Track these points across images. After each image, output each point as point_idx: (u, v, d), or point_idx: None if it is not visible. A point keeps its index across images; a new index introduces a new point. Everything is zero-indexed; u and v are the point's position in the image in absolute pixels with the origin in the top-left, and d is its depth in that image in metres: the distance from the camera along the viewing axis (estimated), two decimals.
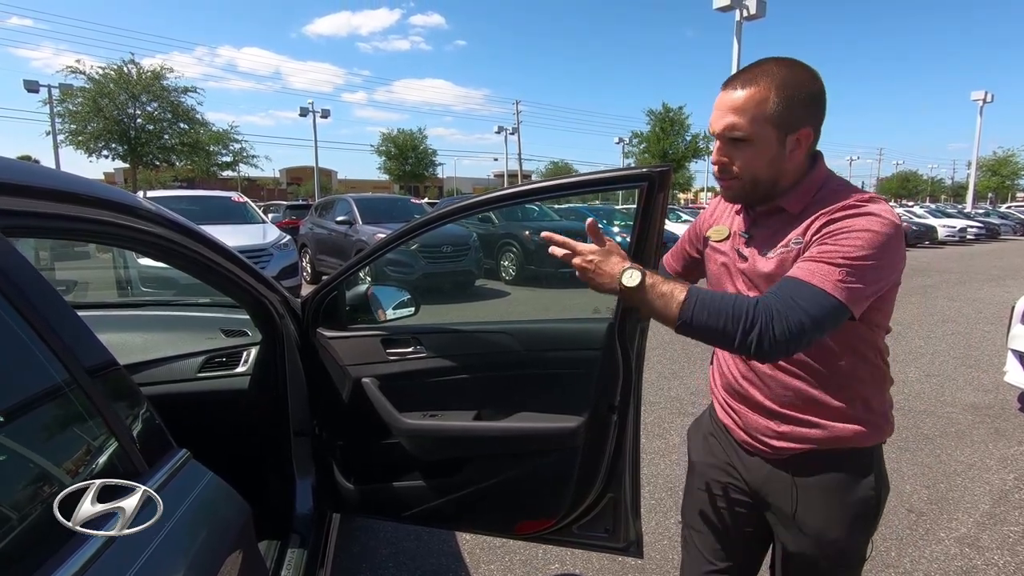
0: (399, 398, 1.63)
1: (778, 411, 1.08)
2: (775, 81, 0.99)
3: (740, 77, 1.02)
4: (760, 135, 1.00)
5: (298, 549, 1.59)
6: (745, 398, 1.13)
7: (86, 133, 20.18)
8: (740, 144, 1.02)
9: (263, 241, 7.12)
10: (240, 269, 1.47)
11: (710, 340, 0.96)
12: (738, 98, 1.00)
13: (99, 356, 0.82)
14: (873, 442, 1.08)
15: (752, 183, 1.05)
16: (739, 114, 1.00)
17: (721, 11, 17.05)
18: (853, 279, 0.91)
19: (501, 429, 1.56)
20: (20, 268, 0.73)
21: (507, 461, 1.59)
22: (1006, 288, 9.41)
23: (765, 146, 1.01)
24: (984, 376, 4.69)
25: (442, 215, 1.53)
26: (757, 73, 1.00)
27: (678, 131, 32.67)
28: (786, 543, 1.13)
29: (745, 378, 1.12)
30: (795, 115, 1.00)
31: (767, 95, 0.99)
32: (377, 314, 1.80)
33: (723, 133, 1.03)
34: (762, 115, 0.99)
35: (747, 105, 1.00)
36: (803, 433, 1.06)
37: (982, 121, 34.18)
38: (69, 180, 0.90)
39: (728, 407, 1.18)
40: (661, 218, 1.23)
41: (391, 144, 37.37)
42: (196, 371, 1.78)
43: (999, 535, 2.46)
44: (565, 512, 1.52)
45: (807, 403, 1.05)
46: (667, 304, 0.94)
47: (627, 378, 1.39)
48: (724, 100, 1.03)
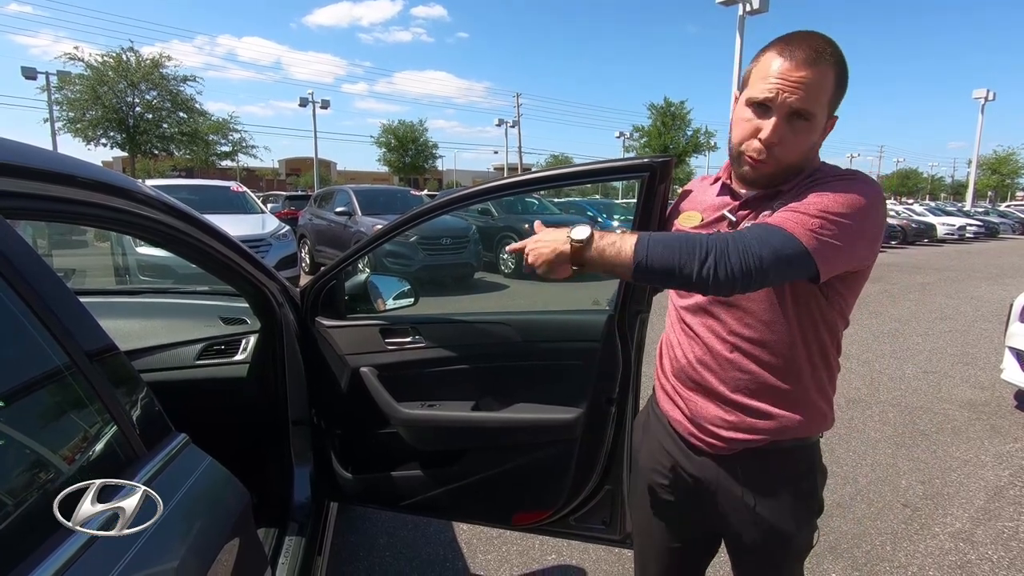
0: (397, 388, 1.63)
1: (730, 397, 1.04)
2: (837, 64, 0.92)
3: (805, 49, 0.91)
4: (818, 117, 0.94)
5: (296, 537, 1.60)
6: (698, 384, 1.09)
7: (84, 121, 20.11)
8: (798, 123, 0.93)
9: (262, 231, 7.10)
10: (240, 257, 1.46)
11: (667, 279, 0.91)
12: (810, 75, 0.91)
13: (99, 340, 0.82)
14: (818, 432, 1.07)
15: (785, 165, 0.97)
16: (809, 91, 0.91)
17: (724, 5, 16.96)
18: (828, 233, 0.87)
19: (498, 420, 1.55)
20: (20, 250, 0.73)
21: (504, 452, 1.59)
22: (1004, 286, 9.42)
23: (815, 130, 0.95)
24: (981, 373, 4.70)
25: (444, 203, 1.52)
26: (823, 50, 0.91)
27: (679, 126, 32.56)
28: (738, 541, 1.11)
29: (700, 362, 1.08)
30: (837, 102, 0.96)
31: (831, 77, 0.92)
32: (377, 303, 1.79)
33: (792, 106, 0.91)
34: (825, 97, 0.93)
35: (817, 84, 0.91)
36: (753, 423, 1.04)
37: (983, 119, 34.15)
38: (68, 162, 0.89)
39: (677, 395, 1.14)
40: (662, 210, 1.21)
41: (391, 136, 37.24)
42: (195, 358, 1.78)
43: (993, 530, 2.48)
44: (562, 504, 1.52)
45: (761, 390, 1.03)
46: (620, 250, 0.91)
47: (626, 371, 1.38)
48: (792, 70, 0.91)
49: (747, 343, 1.02)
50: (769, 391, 1.03)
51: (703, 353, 1.07)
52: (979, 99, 33.15)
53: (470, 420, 1.58)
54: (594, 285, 1.04)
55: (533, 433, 1.53)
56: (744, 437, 1.05)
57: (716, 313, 1.05)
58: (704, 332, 1.07)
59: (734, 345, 1.03)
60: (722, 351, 1.05)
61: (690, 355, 1.10)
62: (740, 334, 1.03)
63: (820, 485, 1.09)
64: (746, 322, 1.02)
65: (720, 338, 1.05)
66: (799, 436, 1.05)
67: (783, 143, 0.95)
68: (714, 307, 1.05)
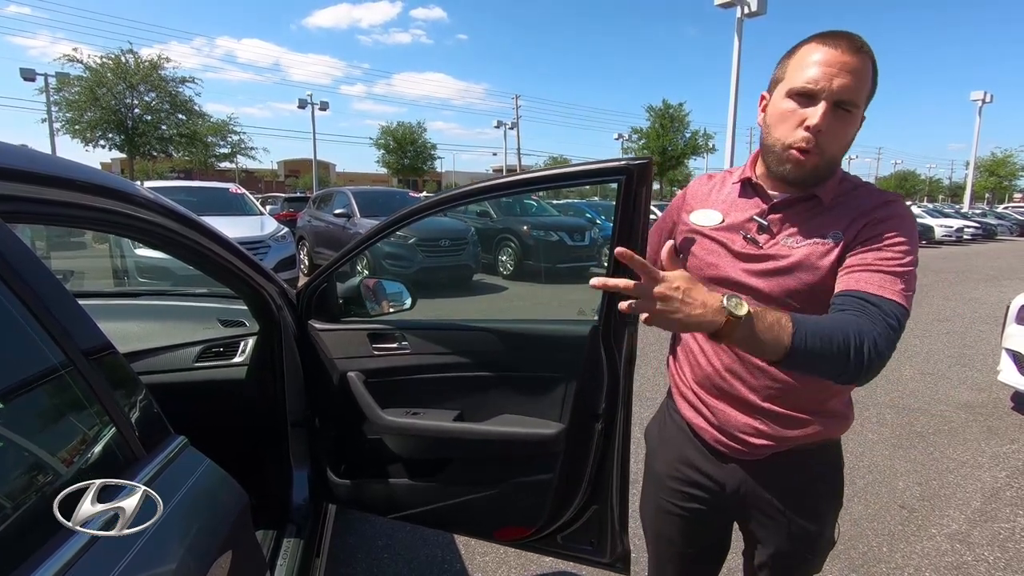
0: (383, 394, 1.60)
1: (760, 406, 1.03)
2: (871, 56, 0.93)
3: (847, 40, 0.92)
4: (860, 110, 0.94)
5: (294, 539, 1.60)
6: (726, 393, 1.06)
7: (83, 122, 20.10)
8: (843, 114, 0.93)
9: (261, 233, 7.09)
10: (238, 259, 1.47)
11: (816, 367, 0.84)
12: (857, 66, 0.91)
13: (96, 340, 0.82)
14: (842, 433, 1.09)
15: (828, 160, 0.96)
16: (857, 80, 0.91)
17: (722, 8, 17.01)
18: (909, 288, 0.91)
19: (478, 432, 1.49)
20: (17, 251, 0.73)
21: (486, 464, 1.54)
22: (1002, 288, 9.44)
23: (856, 122, 0.95)
24: (978, 375, 4.71)
25: (416, 210, 1.50)
26: (861, 44, 0.92)
27: (678, 128, 32.67)
28: (766, 544, 1.11)
29: (729, 371, 1.05)
30: (870, 98, 0.96)
31: (870, 68, 0.93)
32: (382, 305, 1.78)
33: (841, 96, 0.91)
34: (865, 89, 0.93)
35: (863, 75, 0.92)
36: (783, 431, 1.03)
37: (981, 121, 34.23)
38: (67, 166, 0.89)
39: (700, 403, 1.11)
40: (644, 216, 1.14)
41: (390, 137, 37.28)
42: (193, 361, 1.78)
43: (990, 531, 2.48)
44: (545, 522, 1.46)
45: (792, 398, 1.02)
46: (778, 335, 0.80)
47: (613, 384, 1.30)
48: (839, 60, 0.91)
49: None
50: (801, 399, 1.02)
51: (732, 361, 1.05)
52: (977, 101, 33.25)
53: (450, 431, 1.52)
54: (591, 289, 0.98)
55: (513, 446, 1.46)
56: (775, 444, 1.04)
57: None
58: None
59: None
60: (754, 360, 1.01)
61: (716, 363, 1.07)
62: None
63: (843, 481, 1.11)
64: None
65: None
66: (827, 438, 1.06)
67: (830, 132, 0.93)
68: None
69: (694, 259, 1.10)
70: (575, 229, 10.00)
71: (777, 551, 1.11)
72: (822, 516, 1.09)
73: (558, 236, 9.54)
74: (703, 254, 1.08)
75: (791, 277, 0.98)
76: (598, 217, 12.86)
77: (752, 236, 1.02)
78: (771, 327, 0.81)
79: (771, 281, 0.99)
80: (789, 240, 0.99)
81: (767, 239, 1.01)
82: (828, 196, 0.99)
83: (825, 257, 0.96)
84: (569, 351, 1.39)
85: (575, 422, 1.37)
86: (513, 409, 1.51)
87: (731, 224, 1.05)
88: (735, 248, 1.03)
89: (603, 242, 10.09)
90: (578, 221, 11.10)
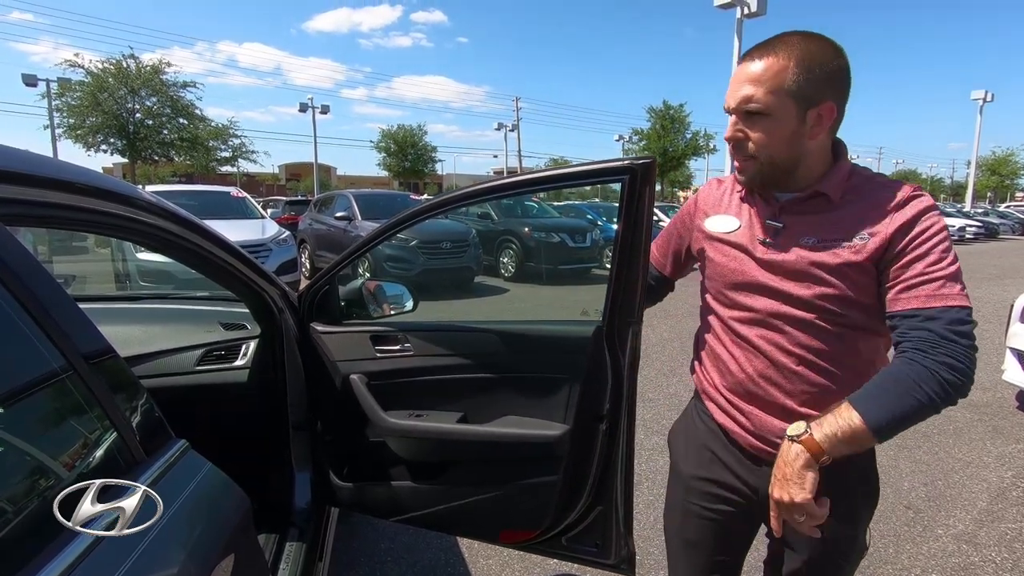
0: (386, 396, 1.59)
1: (798, 411, 1.00)
2: (795, 51, 0.93)
3: (758, 48, 0.96)
4: (777, 108, 0.94)
5: (297, 542, 1.59)
6: (759, 398, 1.05)
7: (84, 127, 20.20)
8: (756, 118, 0.96)
9: (262, 236, 7.10)
10: (239, 262, 1.46)
11: (911, 421, 0.90)
12: (755, 69, 0.95)
13: (97, 344, 0.82)
14: None
15: (769, 163, 0.98)
16: (756, 85, 0.94)
17: (722, 8, 17.02)
18: (964, 286, 0.92)
19: (482, 433, 1.48)
20: (17, 254, 0.73)
21: (489, 466, 1.53)
22: (1004, 287, 9.41)
23: (783, 120, 0.95)
24: (982, 374, 4.67)
25: (417, 212, 1.49)
26: (776, 44, 0.95)
27: (678, 129, 32.70)
28: (800, 550, 1.09)
29: (763, 377, 1.04)
30: (816, 88, 0.94)
31: (786, 65, 0.93)
32: (383, 307, 1.78)
33: (739, 106, 0.97)
34: (781, 86, 0.93)
35: (764, 75, 0.94)
36: None
37: (982, 120, 34.19)
38: (68, 169, 0.89)
39: (734, 408, 1.09)
40: (648, 215, 1.14)
41: (391, 140, 37.39)
42: (195, 364, 1.78)
43: (996, 532, 2.47)
44: (550, 524, 1.45)
45: (828, 400, 0.98)
46: (853, 436, 0.88)
47: (617, 386, 1.29)
48: (741, 72, 0.97)
49: (815, 355, 0.99)
50: (834, 401, 1.00)
51: (765, 367, 1.03)
52: (977, 100, 33.20)
53: (453, 433, 1.51)
54: (596, 288, 0.95)
55: (516, 449, 1.46)
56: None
57: (778, 326, 1.01)
58: (764, 345, 1.03)
59: (801, 358, 1.00)
60: (788, 364, 1.01)
61: (749, 368, 1.06)
62: (808, 346, 0.99)
63: (879, 481, 1.10)
64: (814, 334, 0.99)
65: (785, 351, 1.01)
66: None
67: (749, 139, 0.98)
68: (775, 319, 1.02)
69: (716, 266, 1.11)
70: (576, 230, 10.00)
71: (811, 557, 1.08)
72: (859, 519, 1.07)
73: (559, 237, 9.56)
74: (725, 260, 1.09)
75: (814, 276, 0.97)
76: (599, 218, 12.85)
77: (769, 240, 1.03)
78: (836, 422, 0.89)
79: (796, 283, 0.99)
80: (809, 239, 0.99)
81: (785, 240, 1.02)
82: (836, 192, 0.99)
83: (854, 256, 0.95)
84: (573, 352, 1.39)
85: (579, 424, 1.37)
86: (517, 411, 1.50)
87: (748, 228, 1.07)
88: (757, 253, 1.04)
89: (604, 243, 10.11)
90: (579, 222, 11.10)
